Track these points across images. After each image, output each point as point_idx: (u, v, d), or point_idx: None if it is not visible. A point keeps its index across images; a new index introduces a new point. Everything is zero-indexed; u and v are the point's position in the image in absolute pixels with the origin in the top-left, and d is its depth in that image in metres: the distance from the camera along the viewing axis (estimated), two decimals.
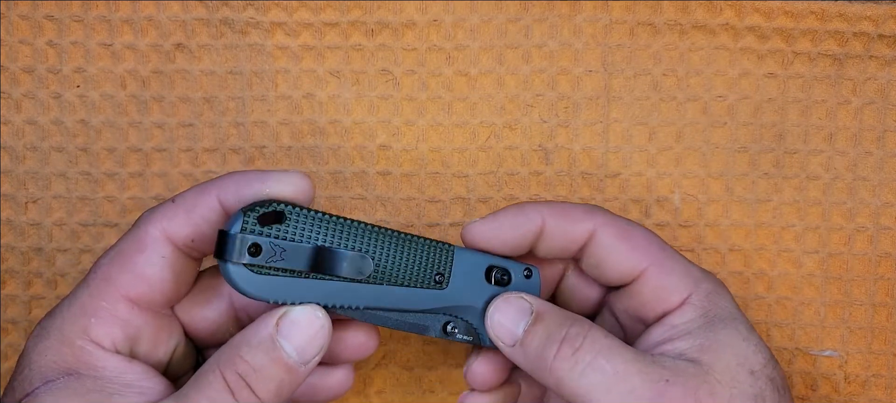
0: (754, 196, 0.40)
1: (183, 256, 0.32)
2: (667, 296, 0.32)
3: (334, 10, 0.39)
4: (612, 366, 0.30)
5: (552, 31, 0.40)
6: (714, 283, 0.33)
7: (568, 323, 0.31)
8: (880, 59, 0.40)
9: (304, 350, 0.30)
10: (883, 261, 0.40)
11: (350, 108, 0.40)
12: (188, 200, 0.31)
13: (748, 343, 0.31)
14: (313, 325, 0.30)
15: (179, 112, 0.40)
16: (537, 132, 0.40)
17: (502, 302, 0.32)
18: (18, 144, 0.40)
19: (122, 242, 0.32)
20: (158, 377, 0.31)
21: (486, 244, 0.33)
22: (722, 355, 0.31)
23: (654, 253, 0.33)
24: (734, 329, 0.31)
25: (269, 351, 0.29)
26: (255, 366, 0.29)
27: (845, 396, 0.40)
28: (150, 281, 0.31)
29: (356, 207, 0.40)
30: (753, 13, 0.39)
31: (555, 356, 0.30)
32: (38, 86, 0.40)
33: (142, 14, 0.39)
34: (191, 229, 0.31)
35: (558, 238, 0.33)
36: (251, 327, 0.30)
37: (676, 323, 0.32)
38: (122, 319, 0.31)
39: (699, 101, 0.40)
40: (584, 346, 0.30)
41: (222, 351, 0.30)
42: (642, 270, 0.33)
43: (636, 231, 0.34)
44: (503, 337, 0.32)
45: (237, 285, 0.29)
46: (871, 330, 0.40)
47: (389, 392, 0.41)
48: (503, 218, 0.33)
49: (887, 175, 0.40)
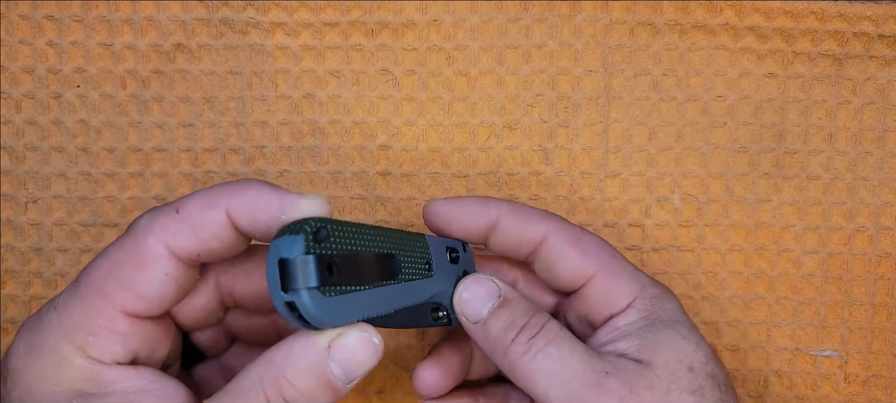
0: (754, 196, 0.40)
1: (186, 268, 0.29)
2: (613, 300, 0.34)
3: (334, 10, 0.39)
4: (559, 353, 0.31)
5: (552, 31, 0.40)
6: (660, 289, 0.34)
7: (530, 313, 0.33)
8: (880, 59, 0.40)
9: (353, 373, 0.28)
10: (883, 261, 0.40)
11: (350, 108, 0.40)
12: (195, 214, 0.29)
13: (688, 342, 0.32)
14: (368, 350, 0.28)
15: (179, 112, 0.40)
16: (537, 132, 0.40)
17: (473, 281, 0.33)
18: (18, 144, 0.40)
19: (119, 252, 0.29)
20: (168, 378, 0.30)
21: (444, 222, 0.34)
22: (661, 352, 0.32)
23: (603, 259, 0.34)
24: (675, 329, 0.33)
25: (318, 376, 0.28)
26: (302, 391, 0.28)
27: (845, 396, 0.40)
28: (152, 297, 0.29)
29: (356, 207, 0.40)
30: (753, 13, 0.39)
31: (513, 340, 0.32)
32: (38, 86, 0.40)
33: (142, 14, 0.39)
34: (197, 245, 0.29)
35: (512, 235, 0.35)
36: (297, 345, 0.28)
37: (620, 325, 0.33)
38: (122, 335, 0.29)
39: (699, 101, 0.40)
40: (540, 334, 0.32)
41: (265, 368, 0.28)
42: (591, 275, 0.34)
43: (587, 237, 0.35)
44: (468, 314, 0.33)
45: (313, 314, 0.26)
46: (871, 330, 0.40)
47: (390, 392, 0.41)
48: (464, 203, 0.35)
49: (887, 175, 0.40)
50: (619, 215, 0.40)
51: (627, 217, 0.40)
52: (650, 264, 0.40)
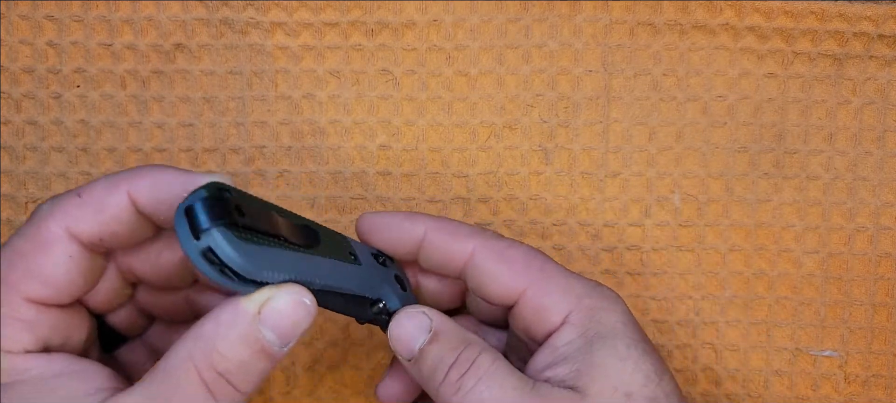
0: (754, 196, 0.40)
1: (90, 254, 0.29)
2: (547, 317, 0.32)
3: (334, 10, 0.39)
4: (490, 394, 0.30)
5: (552, 31, 0.40)
6: (598, 297, 0.32)
7: (461, 347, 0.31)
8: (880, 59, 0.40)
9: (287, 336, 0.27)
10: (883, 261, 0.40)
11: (350, 108, 0.40)
12: (96, 196, 0.28)
13: (625, 364, 0.30)
14: (299, 312, 0.27)
15: (179, 112, 0.40)
16: (537, 132, 0.40)
17: (405, 316, 0.32)
18: (18, 144, 0.40)
19: (21, 240, 0.28)
20: (86, 361, 0.29)
21: (373, 236, 0.33)
22: (597, 379, 0.30)
23: (531, 274, 0.32)
24: (611, 349, 0.31)
25: (251, 344, 0.27)
26: (236, 363, 0.27)
27: (845, 396, 0.40)
28: (57, 283, 0.28)
29: (356, 207, 0.40)
30: (753, 13, 0.39)
31: (442, 380, 0.30)
32: (38, 87, 0.40)
33: (142, 14, 0.39)
34: (99, 228, 0.28)
35: (438, 253, 0.33)
36: (225, 315, 0.27)
37: (557, 345, 0.32)
38: (28, 322, 0.28)
39: (699, 101, 0.40)
40: (469, 372, 0.30)
41: (193, 343, 0.27)
42: (521, 291, 0.32)
43: (516, 252, 0.33)
44: (402, 352, 0.32)
45: (231, 256, 0.25)
46: (871, 330, 0.40)
47: None
48: (392, 217, 0.34)
49: (887, 175, 0.40)
50: (619, 215, 0.40)
51: (627, 217, 0.40)
52: (650, 264, 0.40)
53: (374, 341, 0.41)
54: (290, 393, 0.41)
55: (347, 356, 0.41)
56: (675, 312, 0.40)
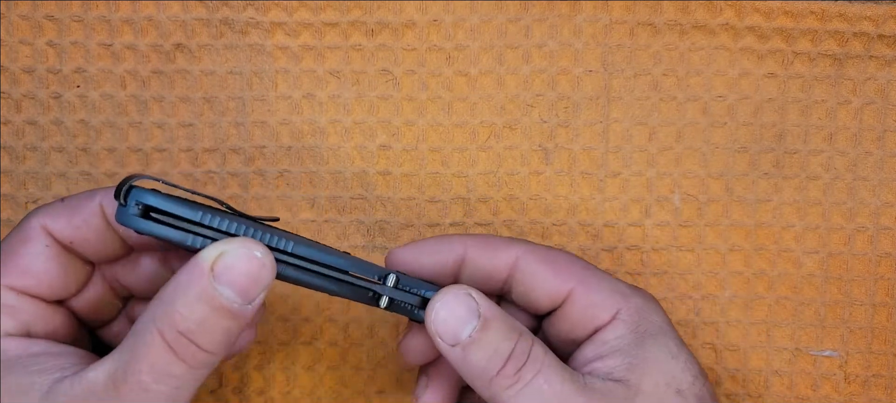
0: (754, 196, 0.40)
1: (67, 252, 0.31)
2: (596, 313, 0.32)
3: (334, 10, 0.39)
4: (549, 387, 0.30)
5: (552, 31, 0.40)
6: (643, 298, 0.33)
7: (514, 337, 0.30)
8: (880, 60, 0.40)
9: (248, 292, 0.27)
10: (883, 261, 0.40)
11: (350, 108, 0.40)
12: (73, 201, 0.31)
13: (677, 361, 0.31)
14: (253, 264, 0.27)
15: (179, 112, 0.40)
16: (537, 132, 0.40)
17: (450, 296, 0.30)
18: (18, 144, 0.40)
19: (9, 237, 0.31)
20: (67, 346, 0.30)
21: (407, 270, 0.33)
22: (650, 374, 0.31)
23: (578, 273, 0.33)
24: (664, 345, 0.31)
25: (209, 301, 0.27)
26: (195, 321, 0.27)
27: (845, 396, 0.40)
28: (35, 271, 0.30)
29: (356, 207, 0.40)
30: (753, 13, 0.39)
31: (498, 372, 0.30)
32: (38, 87, 0.40)
33: (142, 14, 0.39)
34: (71, 231, 0.31)
35: (481, 267, 0.33)
36: (183, 275, 0.27)
37: (607, 339, 0.32)
38: (9, 306, 0.30)
39: (699, 101, 0.40)
40: (527, 365, 0.30)
41: (156, 307, 0.27)
42: (569, 291, 0.33)
43: (559, 255, 0.34)
44: (444, 336, 0.30)
45: (151, 199, 0.28)
46: (871, 330, 0.40)
47: (390, 393, 0.41)
48: (424, 245, 0.34)
49: (887, 175, 0.40)
50: (619, 215, 0.40)
51: (627, 217, 0.40)
52: (650, 264, 0.40)
53: (374, 341, 0.41)
54: (290, 393, 0.41)
55: (347, 356, 0.41)
56: (675, 312, 0.40)
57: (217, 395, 0.40)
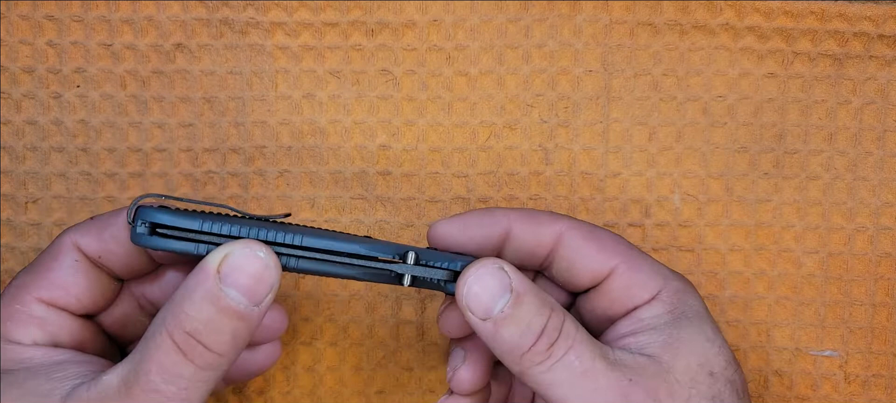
0: (754, 196, 0.40)
1: (95, 268, 0.32)
2: (636, 292, 0.32)
3: (334, 10, 0.39)
4: (580, 363, 0.30)
5: (552, 31, 0.40)
6: (683, 282, 0.33)
7: (546, 312, 0.30)
8: (880, 59, 0.40)
9: (253, 293, 0.28)
10: (883, 261, 0.40)
11: (350, 108, 0.40)
12: (102, 218, 0.32)
13: (712, 345, 0.31)
14: (256, 264, 0.28)
15: (179, 112, 0.40)
16: (537, 132, 0.40)
17: (483, 270, 0.30)
18: (18, 144, 0.40)
19: (41, 255, 0.33)
20: (92, 356, 0.31)
21: (452, 243, 0.33)
22: (683, 354, 0.31)
23: (622, 251, 0.33)
24: (699, 328, 0.32)
25: (215, 303, 0.27)
26: (202, 321, 0.27)
27: (846, 396, 0.40)
28: (63, 284, 0.32)
29: (356, 207, 0.40)
30: (753, 13, 0.39)
31: (529, 348, 0.30)
32: (38, 87, 0.40)
33: (142, 14, 0.39)
34: (98, 245, 0.32)
35: (526, 241, 0.33)
36: (191, 278, 0.28)
37: (644, 316, 0.32)
38: (37, 317, 0.31)
39: (699, 101, 0.40)
40: (559, 341, 0.30)
41: (166, 311, 0.28)
42: (612, 268, 0.33)
43: (603, 232, 0.34)
44: (476, 310, 0.30)
45: (155, 215, 0.29)
46: (871, 330, 0.40)
47: (390, 393, 0.41)
48: (470, 218, 0.33)
49: (887, 175, 0.40)
50: (619, 215, 0.40)
51: (627, 217, 0.40)
52: None
53: (373, 341, 0.41)
54: (291, 393, 0.41)
55: (347, 356, 0.41)
56: None
57: (217, 395, 0.40)
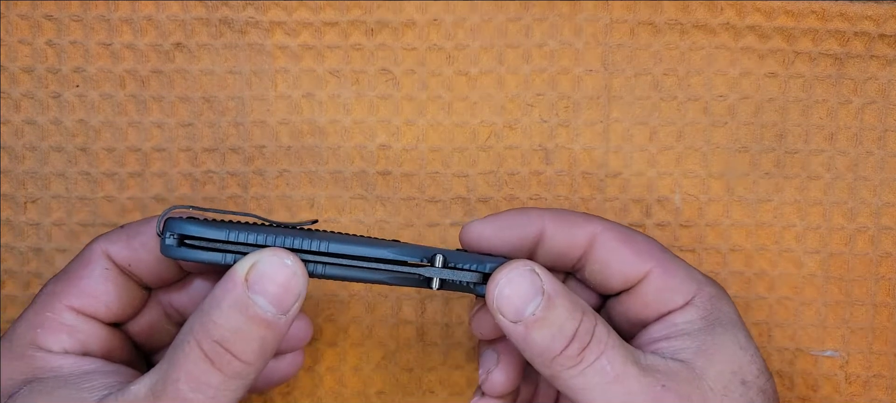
0: (755, 196, 0.40)
1: (125, 277, 0.33)
2: (670, 297, 0.32)
3: (334, 10, 0.39)
4: (613, 368, 0.29)
5: (552, 30, 0.39)
6: (716, 288, 0.33)
7: (578, 315, 0.30)
8: (881, 59, 0.39)
9: (281, 302, 0.28)
10: (884, 261, 0.40)
11: (350, 108, 0.40)
12: (132, 227, 0.33)
13: (745, 353, 0.31)
14: (284, 272, 0.28)
15: (179, 112, 0.40)
16: (538, 132, 0.40)
17: (515, 273, 0.29)
18: (17, 144, 0.40)
19: (69, 263, 0.33)
20: (120, 365, 0.32)
21: (485, 244, 0.33)
22: (716, 361, 0.31)
23: (657, 255, 0.33)
24: (733, 336, 0.31)
25: (243, 311, 0.28)
26: (230, 329, 0.27)
27: (846, 396, 0.40)
28: (94, 292, 0.32)
29: (356, 207, 0.40)
30: (754, 12, 0.39)
31: (561, 352, 0.29)
32: (38, 86, 0.39)
33: (141, 14, 0.39)
34: (129, 253, 0.32)
35: (559, 243, 0.33)
36: (219, 287, 0.28)
37: (677, 321, 0.32)
38: (68, 325, 0.31)
39: (700, 101, 0.40)
40: (591, 345, 0.29)
41: (194, 320, 0.28)
42: (646, 272, 0.33)
43: (638, 235, 0.34)
44: (507, 313, 0.29)
45: (183, 226, 0.30)
46: (872, 331, 0.40)
47: (390, 393, 0.41)
48: (504, 219, 0.33)
49: (888, 174, 0.40)
50: (619, 215, 0.40)
51: (628, 217, 0.40)
52: None
53: (373, 341, 0.41)
54: (290, 394, 0.41)
55: (346, 356, 0.41)
56: None
57: None
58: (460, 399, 0.41)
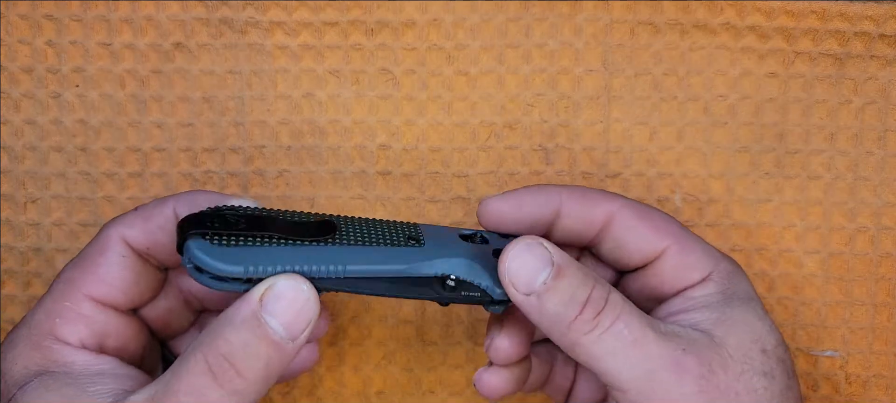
0: (755, 196, 0.40)
1: (142, 261, 0.32)
2: (688, 274, 0.33)
3: (334, 10, 0.39)
4: (630, 332, 0.29)
5: (553, 30, 0.39)
6: (733, 264, 0.33)
7: (590, 283, 0.30)
8: (881, 59, 0.39)
9: (292, 326, 0.28)
10: (884, 261, 0.40)
11: (350, 108, 0.40)
12: (147, 209, 0.33)
13: (763, 323, 0.32)
14: (299, 298, 0.28)
15: (178, 112, 0.40)
16: (538, 132, 0.40)
17: (522, 247, 0.30)
18: (17, 144, 0.40)
19: (87, 248, 0.33)
20: (132, 368, 0.31)
21: (501, 220, 0.33)
22: (736, 331, 0.31)
23: (674, 231, 0.33)
24: (751, 308, 0.32)
25: (253, 329, 0.28)
26: (238, 345, 0.28)
27: (846, 396, 0.40)
28: (112, 280, 0.32)
29: (356, 207, 0.40)
30: (754, 12, 0.39)
31: (576, 318, 0.29)
32: (37, 86, 0.39)
33: (141, 13, 0.39)
34: (146, 236, 0.32)
35: (577, 219, 0.33)
36: (234, 306, 0.28)
37: (695, 295, 0.32)
38: (86, 316, 0.31)
39: (700, 101, 0.40)
40: (606, 310, 0.30)
41: (205, 334, 0.28)
42: (663, 249, 0.33)
43: (655, 212, 0.34)
44: (518, 285, 0.30)
45: (202, 259, 0.28)
46: (872, 331, 0.40)
47: (389, 393, 0.41)
48: (522, 195, 0.33)
49: (888, 175, 0.40)
50: None
51: None
52: None
53: (372, 341, 0.41)
54: (290, 394, 0.41)
55: (346, 357, 0.41)
56: None
57: None
58: (460, 399, 0.41)
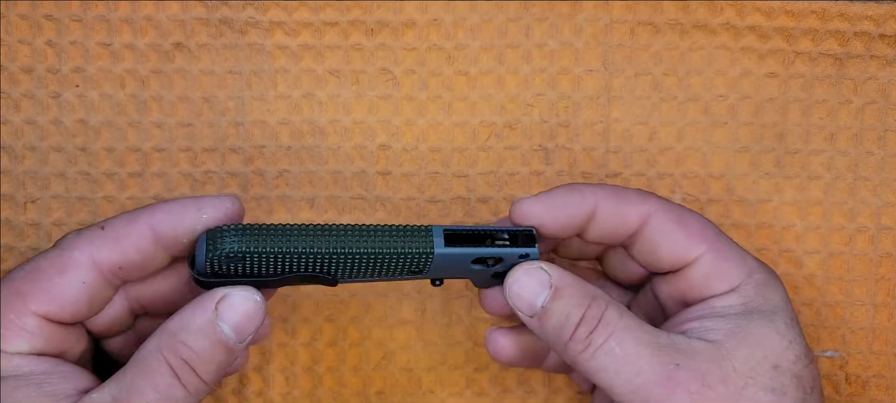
0: (755, 196, 0.40)
1: (105, 282, 0.32)
2: (716, 283, 0.32)
3: (334, 10, 0.39)
4: (621, 349, 0.30)
5: (553, 30, 0.39)
6: (767, 275, 0.33)
7: (585, 303, 0.31)
8: (881, 59, 0.39)
9: (242, 330, 0.31)
10: (884, 262, 0.40)
11: (350, 108, 0.40)
12: (117, 228, 0.32)
13: (782, 339, 0.31)
14: (249, 306, 0.31)
15: (178, 112, 0.40)
16: (538, 132, 0.40)
17: (522, 273, 0.32)
18: (17, 144, 0.40)
19: (41, 259, 0.32)
20: (71, 365, 0.32)
21: (537, 222, 0.33)
22: (747, 344, 0.31)
23: (710, 237, 0.33)
24: (773, 323, 0.31)
25: (209, 336, 0.30)
26: (197, 351, 0.30)
27: (846, 397, 0.40)
28: (64, 302, 0.31)
29: (356, 207, 0.40)
30: (754, 12, 0.39)
31: (570, 337, 0.31)
32: (37, 86, 0.39)
33: (141, 13, 0.39)
34: (119, 256, 0.32)
35: (611, 221, 0.33)
36: (189, 311, 0.30)
37: (717, 305, 0.32)
38: (28, 332, 0.31)
39: (700, 101, 0.40)
40: (598, 329, 0.31)
41: (161, 337, 0.30)
42: (697, 256, 0.33)
43: (691, 217, 0.33)
44: (523, 309, 0.32)
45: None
46: (872, 331, 0.40)
47: (389, 394, 0.41)
48: (556, 196, 0.33)
49: (888, 175, 0.40)
50: None
51: None
52: None
53: (372, 341, 0.41)
54: (290, 394, 0.41)
55: (346, 356, 0.41)
56: None
57: (216, 396, 0.40)
58: (460, 399, 0.41)
